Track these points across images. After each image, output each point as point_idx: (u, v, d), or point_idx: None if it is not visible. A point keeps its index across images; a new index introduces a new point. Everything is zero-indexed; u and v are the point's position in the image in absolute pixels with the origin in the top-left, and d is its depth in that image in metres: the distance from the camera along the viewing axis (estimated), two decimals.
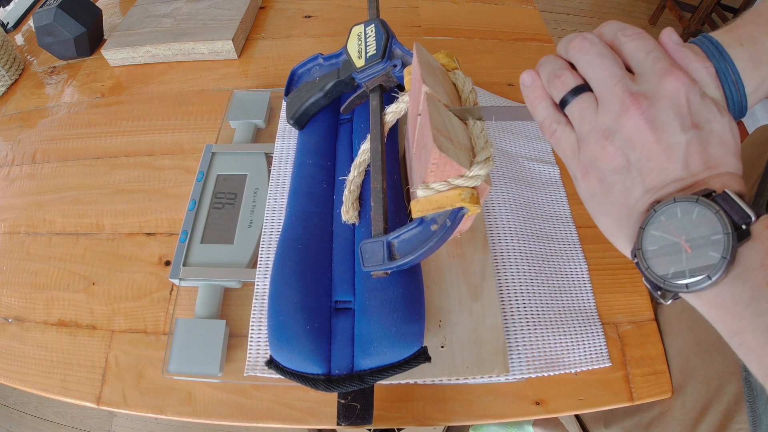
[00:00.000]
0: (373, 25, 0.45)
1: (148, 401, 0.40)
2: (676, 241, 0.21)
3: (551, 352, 0.41)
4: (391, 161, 0.45)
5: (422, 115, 0.31)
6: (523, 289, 0.43)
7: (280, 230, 0.44)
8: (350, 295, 0.38)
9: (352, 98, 0.43)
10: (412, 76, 0.37)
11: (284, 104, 0.51)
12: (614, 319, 0.44)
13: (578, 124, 0.25)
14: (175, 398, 0.41)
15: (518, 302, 0.42)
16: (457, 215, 0.31)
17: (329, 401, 0.40)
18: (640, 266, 0.23)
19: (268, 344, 0.39)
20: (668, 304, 0.23)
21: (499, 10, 0.74)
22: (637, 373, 0.41)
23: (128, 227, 0.51)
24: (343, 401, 0.36)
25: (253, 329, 0.41)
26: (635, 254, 0.23)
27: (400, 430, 0.71)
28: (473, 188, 0.30)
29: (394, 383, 0.40)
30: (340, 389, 0.34)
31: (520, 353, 0.40)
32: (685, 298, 0.22)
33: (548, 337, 0.41)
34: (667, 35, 0.25)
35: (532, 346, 0.41)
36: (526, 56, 0.67)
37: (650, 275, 0.22)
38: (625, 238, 0.25)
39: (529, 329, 0.41)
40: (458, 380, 0.39)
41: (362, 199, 0.42)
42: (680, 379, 0.40)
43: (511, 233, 0.46)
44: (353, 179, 0.42)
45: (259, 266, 0.44)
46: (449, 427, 0.79)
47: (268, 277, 0.43)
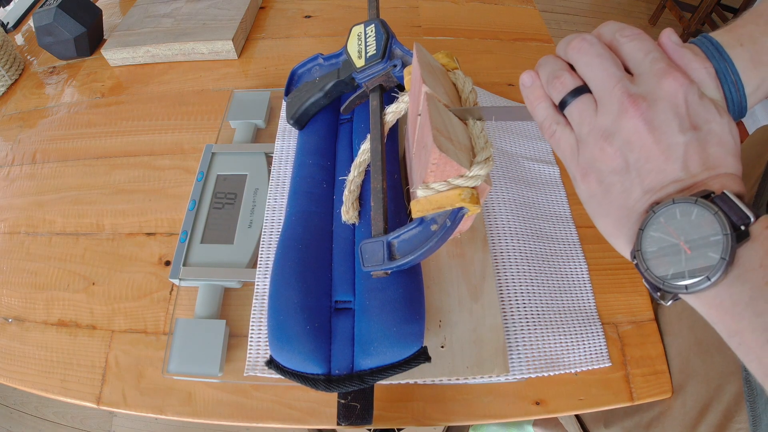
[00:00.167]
0: (373, 25, 0.45)
1: (148, 401, 0.40)
2: (675, 242, 0.21)
3: (551, 352, 0.41)
4: (391, 161, 0.45)
5: (422, 115, 0.31)
6: (523, 289, 0.43)
7: (280, 230, 0.44)
8: (350, 295, 0.38)
9: (352, 98, 0.43)
10: (412, 76, 0.37)
11: (284, 104, 0.51)
12: (614, 319, 0.44)
13: (577, 125, 0.25)
14: (175, 398, 0.41)
15: (518, 302, 0.42)
16: (457, 215, 0.31)
17: (329, 401, 0.40)
18: (639, 267, 0.23)
19: (268, 344, 0.39)
20: (668, 305, 0.23)
21: (499, 10, 0.74)
22: (637, 373, 0.41)
23: (128, 227, 0.51)
24: (343, 401, 0.36)
25: (253, 329, 0.41)
26: (634, 255, 0.23)
27: (400, 430, 0.71)
28: (473, 188, 0.30)
29: (394, 383, 0.40)
30: (340, 389, 0.34)
31: (520, 353, 0.40)
32: (684, 299, 0.22)
33: (548, 337, 0.41)
34: (666, 36, 0.25)
35: (532, 346, 0.41)
36: (526, 56, 0.67)
37: (650, 276, 0.22)
38: (624, 239, 0.25)
39: (529, 329, 0.41)
40: (458, 380, 0.39)
41: (362, 199, 0.42)
42: (680, 379, 0.40)
43: (511, 233, 0.46)
44: (353, 179, 0.42)
45: (259, 266, 0.44)
46: (449, 427, 0.79)
47: (268, 277, 0.43)
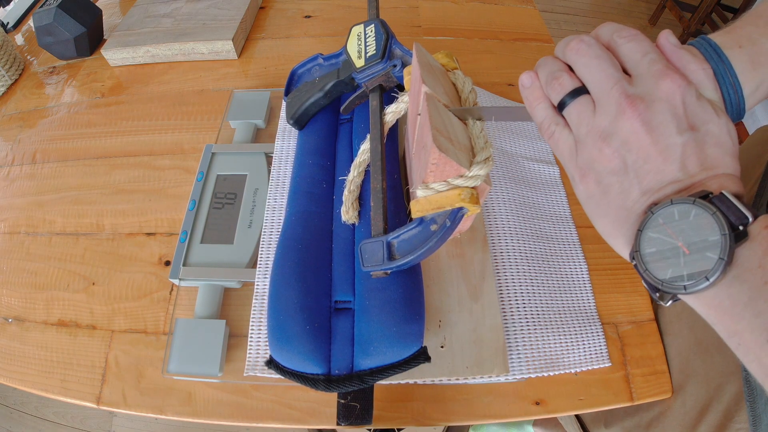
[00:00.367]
0: (372, 25, 0.45)
1: (148, 401, 0.40)
2: (673, 242, 0.21)
3: (551, 352, 0.41)
4: (390, 161, 0.45)
5: (422, 115, 0.31)
6: (522, 289, 0.43)
7: (280, 230, 0.44)
8: (350, 295, 0.38)
9: (351, 98, 0.43)
10: (411, 76, 0.37)
11: (284, 104, 0.51)
12: (614, 319, 0.44)
13: (576, 126, 0.25)
14: (175, 398, 0.41)
15: (518, 302, 0.42)
16: (456, 215, 0.31)
17: (329, 401, 0.40)
18: (638, 268, 0.23)
19: (267, 344, 0.39)
20: (667, 305, 0.23)
21: (499, 10, 0.74)
22: (637, 373, 0.41)
23: (128, 227, 0.51)
24: (342, 401, 0.36)
25: (252, 329, 0.41)
26: (633, 256, 0.23)
27: (400, 430, 0.71)
28: (473, 188, 0.30)
29: (393, 383, 0.40)
30: (339, 389, 0.34)
31: (519, 353, 0.40)
32: (683, 299, 0.22)
33: (548, 337, 0.41)
34: (665, 37, 0.25)
35: (532, 346, 0.41)
36: (526, 56, 0.67)
37: (648, 277, 0.22)
38: (623, 239, 0.25)
39: (529, 329, 0.41)
40: (458, 380, 0.39)
41: (362, 199, 0.42)
42: (680, 379, 0.40)
43: (510, 233, 0.46)
44: (353, 179, 0.42)
45: (258, 266, 0.44)
46: (449, 427, 0.79)
47: (267, 277, 0.43)
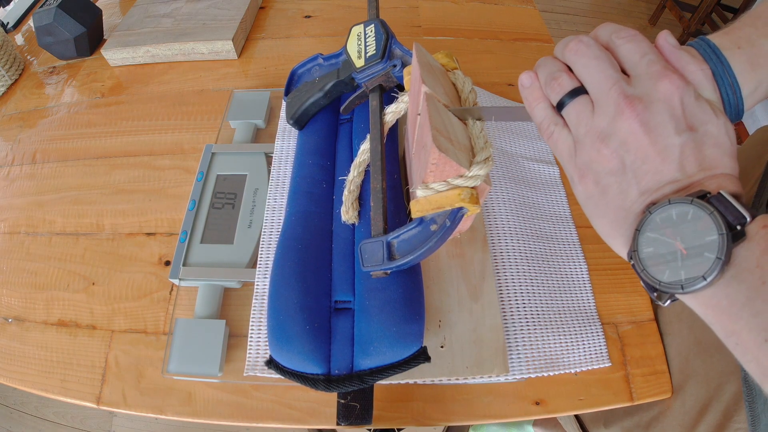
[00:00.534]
0: (372, 25, 0.45)
1: (148, 401, 0.40)
2: (671, 242, 0.21)
3: (551, 352, 0.41)
4: (390, 161, 0.45)
5: (422, 115, 0.31)
6: (522, 289, 0.43)
7: (279, 230, 0.44)
8: (350, 295, 0.38)
9: (351, 98, 0.43)
10: (411, 76, 0.37)
11: (284, 104, 0.51)
12: (614, 319, 0.44)
13: (575, 126, 0.25)
14: (175, 398, 0.41)
15: (518, 302, 0.42)
16: (456, 215, 0.31)
17: (329, 401, 0.40)
18: (636, 268, 0.23)
19: (267, 344, 0.39)
20: (666, 305, 0.23)
21: (499, 10, 0.74)
22: (637, 373, 0.41)
23: (128, 227, 0.51)
24: (342, 401, 0.36)
25: (252, 329, 0.41)
26: (631, 256, 0.23)
27: (400, 430, 0.71)
28: (473, 188, 0.30)
29: (393, 383, 0.40)
30: (339, 389, 0.34)
31: (519, 353, 0.40)
32: (681, 299, 0.22)
33: (548, 337, 0.41)
34: (663, 38, 0.25)
35: (531, 346, 0.41)
36: (526, 56, 0.67)
37: (646, 277, 0.22)
38: (621, 239, 0.25)
39: (528, 329, 0.41)
40: (458, 380, 0.39)
41: (362, 199, 0.42)
42: (680, 379, 0.40)
43: (510, 233, 0.46)
44: (353, 179, 0.42)
45: (258, 266, 0.44)
46: (449, 427, 0.79)
47: (267, 277, 0.43)
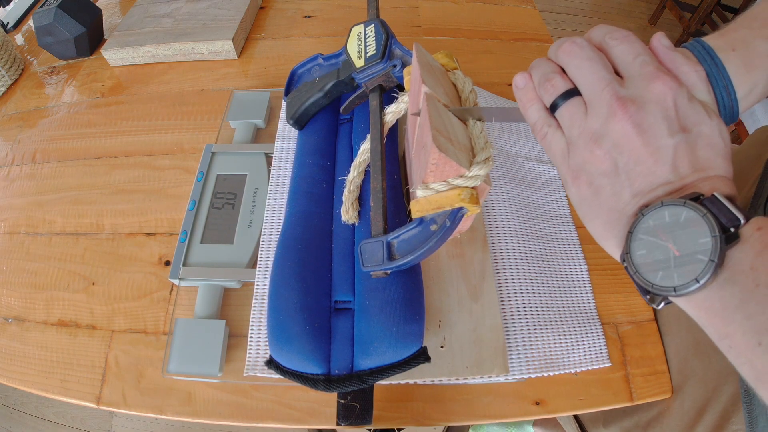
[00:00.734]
0: (372, 25, 0.45)
1: (148, 401, 0.41)
2: (664, 244, 0.21)
3: (551, 352, 0.41)
4: (390, 161, 0.45)
5: (422, 115, 0.31)
6: (522, 289, 0.43)
7: (279, 230, 0.44)
8: (350, 295, 0.38)
9: (351, 98, 0.43)
10: (411, 76, 0.37)
11: (284, 104, 0.51)
12: (614, 319, 0.44)
13: (568, 128, 0.25)
14: (174, 398, 0.41)
15: (518, 302, 0.42)
16: (456, 215, 0.31)
17: (329, 401, 0.40)
18: (628, 270, 0.23)
19: (267, 344, 0.39)
20: (660, 308, 0.23)
21: (499, 10, 0.74)
22: (636, 373, 0.41)
23: (128, 227, 0.51)
24: (342, 401, 0.36)
25: (252, 329, 0.41)
26: (624, 258, 0.23)
27: (400, 430, 0.71)
28: (473, 188, 0.30)
29: (393, 383, 0.40)
30: (339, 389, 0.34)
31: (519, 353, 0.40)
32: (675, 301, 0.22)
33: (548, 337, 0.41)
34: (657, 39, 0.25)
35: (531, 346, 0.41)
36: (526, 56, 0.67)
37: (638, 279, 0.22)
38: (614, 241, 0.24)
39: (528, 329, 0.41)
40: (458, 380, 0.39)
41: (362, 199, 0.42)
42: (678, 379, 0.40)
43: (510, 233, 0.46)
44: (353, 179, 0.42)
45: (258, 266, 0.44)
46: (449, 427, 0.80)
47: (267, 277, 0.43)
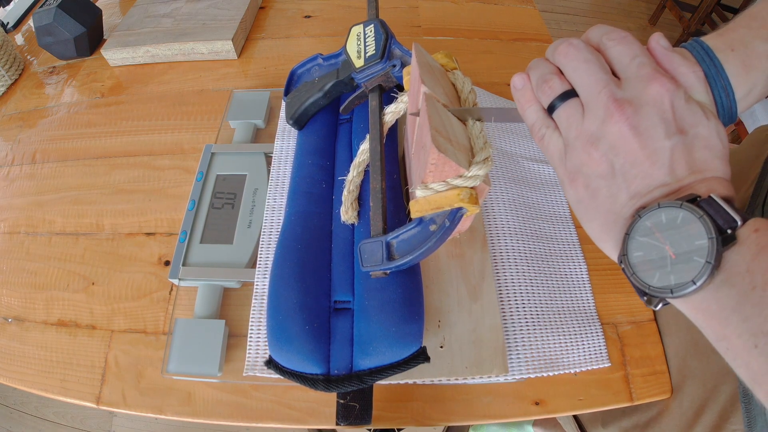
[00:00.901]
0: (372, 25, 0.45)
1: (147, 401, 0.41)
2: (661, 246, 0.21)
3: (551, 352, 0.41)
4: (390, 161, 0.45)
5: (421, 115, 0.31)
6: (522, 289, 0.43)
7: (279, 230, 0.44)
8: (349, 295, 0.39)
9: (351, 98, 0.43)
10: (411, 76, 0.37)
11: (284, 104, 0.51)
12: (614, 319, 0.44)
13: (565, 129, 0.25)
14: (174, 398, 0.41)
15: (517, 302, 0.42)
16: (455, 215, 0.31)
17: (328, 401, 0.40)
18: (626, 272, 0.23)
19: (267, 344, 0.39)
20: (657, 309, 0.23)
21: (499, 10, 0.74)
22: (636, 373, 0.41)
23: (128, 227, 0.51)
24: (342, 401, 0.36)
25: (252, 329, 0.41)
26: (621, 260, 0.23)
27: (399, 430, 0.71)
28: (472, 188, 0.30)
29: (393, 383, 0.40)
30: (339, 389, 0.34)
31: (519, 353, 0.40)
32: (672, 303, 0.22)
33: (548, 337, 0.41)
34: (655, 40, 0.25)
35: (531, 346, 0.41)
36: (526, 56, 0.67)
37: (636, 281, 0.22)
38: (611, 243, 0.24)
39: (528, 329, 0.41)
40: (457, 380, 0.39)
41: (361, 199, 0.42)
42: (678, 379, 0.40)
43: (510, 233, 0.46)
44: (352, 179, 0.42)
45: (258, 266, 0.44)
46: (449, 427, 0.80)
47: (267, 277, 0.43)
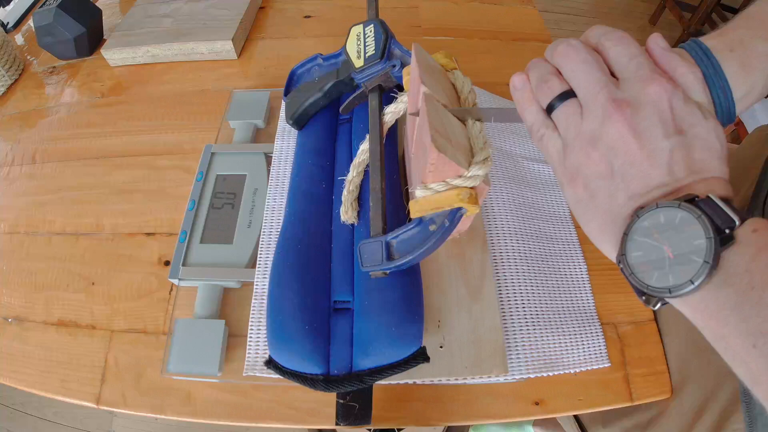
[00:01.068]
0: (372, 25, 0.45)
1: (147, 401, 0.41)
2: (659, 246, 0.21)
3: (550, 352, 0.41)
4: (390, 161, 0.45)
5: (421, 115, 0.31)
6: (522, 289, 0.43)
7: (279, 230, 0.44)
8: (349, 295, 0.39)
9: (351, 98, 0.43)
10: (410, 76, 0.37)
11: (284, 104, 0.51)
12: (614, 319, 0.44)
13: (564, 130, 0.25)
14: (174, 398, 0.41)
15: (517, 302, 0.42)
16: (455, 215, 0.31)
17: (328, 401, 0.40)
18: (624, 272, 0.23)
19: (267, 344, 0.39)
20: (656, 309, 0.23)
21: (499, 10, 0.74)
22: (636, 373, 0.41)
23: (128, 227, 0.51)
24: (342, 401, 0.36)
25: (252, 329, 0.41)
26: (620, 260, 0.23)
27: (399, 430, 0.71)
28: (472, 188, 0.30)
29: (393, 383, 0.40)
30: (338, 389, 0.34)
31: (519, 353, 0.40)
32: (671, 303, 0.22)
33: (547, 337, 0.41)
34: (654, 41, 0.25)
35: (531, 346, 0.41)
36: (526, 56, 0.67)
37: (634, 281, 0.22)
38: (610, 243, 0.24)
39: (528, 329, 0.41)
40: (457, 380, 0.39)
41: (361, 199, 0.42)
42: (678, 379, 0.40)
43: (510, 233, 0.46)
44: (352, 179, 0.42)
45: (258, 266, 0.44)
46: (449, 427, 0.80)
47: (267, 277, 0.43)
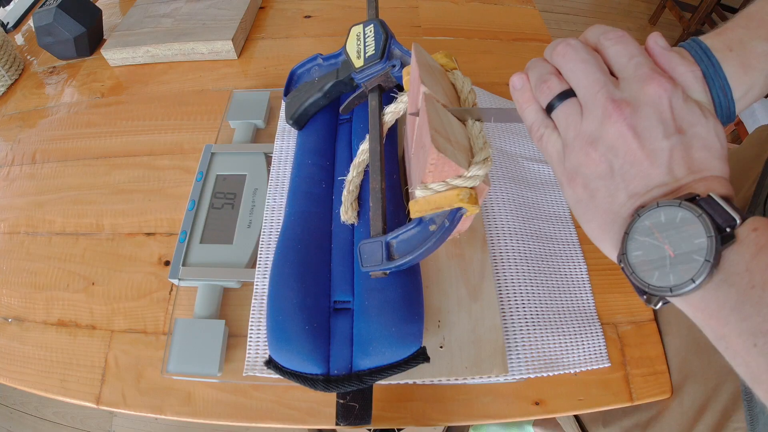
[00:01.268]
0: (372, 25, 0.45)
1: (147, 401, 0.41)
2: (660, 245, 0.21)
3: (550, 352, 0.41)
4: (390, 161, 0.45)
5: (420, 115, 0.31)
6: (522, 289, 0.43)
7: (279, 230, 0.44)
8: (349, 295, 0.39)
9: (351, 98, 0.43)
10: (410, 76, 0.37)
11: (284, 104, 0.51)
12: (614, 319, 0.44)
13: (564, 129, 0.25)
14: (174, 398, 0.41)
15: (517, 302, 0.42)
16: (455, 215, 0.31)
17: (328, 401, 0.40)
18: (625, 271, 0.23)
19: (267, 344, 0.39)
20: (657, 308, 0.23)
21: (499, 10, 0.74)
22: (636, 373, 0.41)
23: (128, 227, 0.51)
24: (342, 401, 0.36)
25: (252, 329, 0.41)
26: (620, 259, 0.23)
27: (399, 430, 0.71)
28: (472, 188, 0.30)
29: (393, 383, 0.40)
30: (338, 389, 0.34)
31: (519, 353, 0.40)
32: (672, 302, 0.22)
33: (547, 337, 0.41)
34: (653, 40, 0.25)
35: (531, 346, 0.41)
36: (526, 56, 0.67)
37: (635, 280, 0.22)
38: (610, 243, 0.24)
39: (528, 329, 0.41)
40: (457, 380, 0.39)
41: (361, 199, 0.42)
42: (678, 378, 0.40)
43: (510, 233, 0.46)
44: (352, 179, 0.42)
45: (258, 266, 0.44)
46: (449, 427, 0.80)
47: (267, 277, 0.43)
